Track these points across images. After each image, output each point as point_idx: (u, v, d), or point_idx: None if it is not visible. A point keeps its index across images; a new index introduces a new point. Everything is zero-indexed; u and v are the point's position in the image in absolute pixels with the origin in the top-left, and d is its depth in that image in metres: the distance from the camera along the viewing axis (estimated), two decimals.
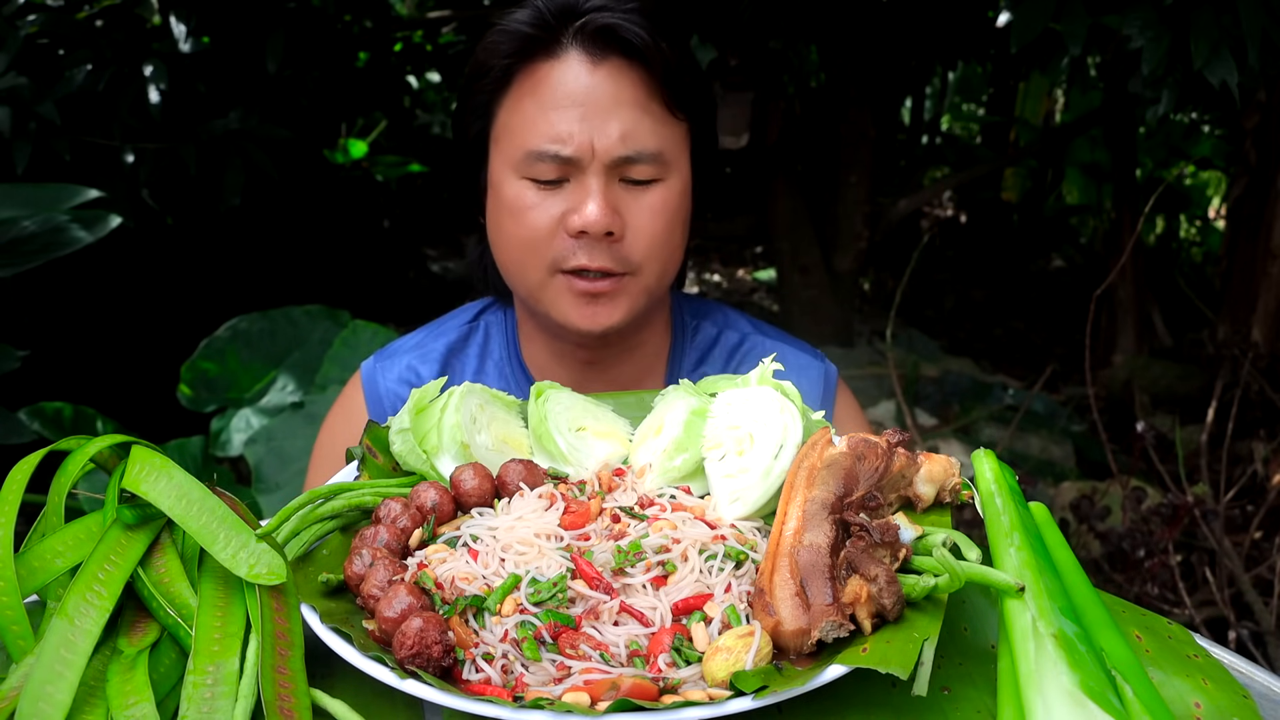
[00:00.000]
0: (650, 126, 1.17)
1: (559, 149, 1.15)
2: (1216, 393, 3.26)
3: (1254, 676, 0.88)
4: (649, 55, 1.15)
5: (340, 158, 5.26)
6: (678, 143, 1.21)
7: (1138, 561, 2.44)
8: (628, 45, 1.15)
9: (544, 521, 0.88)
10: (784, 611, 0.74)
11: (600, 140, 1.15)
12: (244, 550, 0.78)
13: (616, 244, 1.18)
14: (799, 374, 1.40)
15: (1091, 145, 6.32)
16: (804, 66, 5.82)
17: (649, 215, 1.19)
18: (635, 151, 1.16)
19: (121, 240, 2.70)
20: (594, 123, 1.15)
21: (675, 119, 1.20)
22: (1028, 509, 0.87)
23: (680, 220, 1.24)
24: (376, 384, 1.40)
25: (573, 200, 1.17)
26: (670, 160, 1.20)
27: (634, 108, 1.16)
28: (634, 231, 1.19)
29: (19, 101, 2.60)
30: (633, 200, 1.19)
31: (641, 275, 1.22)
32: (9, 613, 0.74)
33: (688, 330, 1.45)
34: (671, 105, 1.19)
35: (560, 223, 1.18)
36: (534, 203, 1.18)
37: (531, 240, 1.19)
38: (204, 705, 0.69)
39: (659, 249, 1.22)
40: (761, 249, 7.37)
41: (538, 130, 1.16)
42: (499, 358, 1.41)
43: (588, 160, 1.15)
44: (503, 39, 1.18)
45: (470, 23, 4.15)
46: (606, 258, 1.18)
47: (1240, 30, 2.07)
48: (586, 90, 1.15)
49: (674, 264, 1.27)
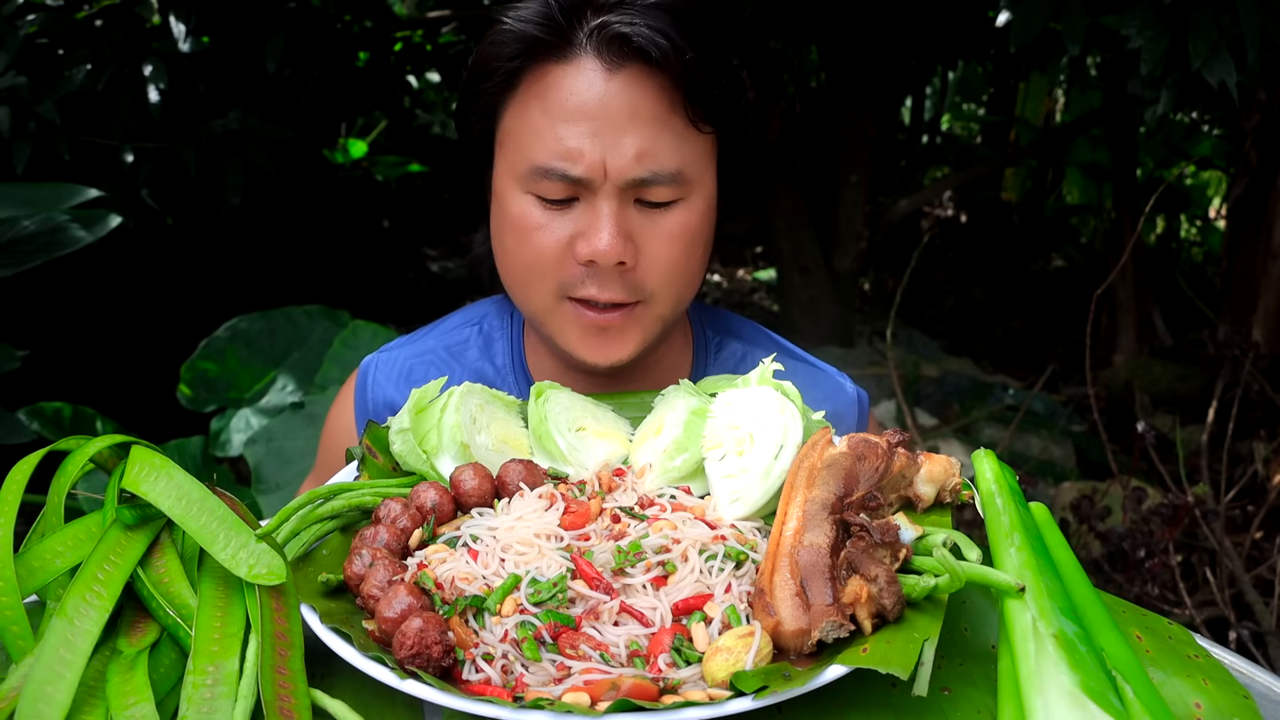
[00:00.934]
0: (670, 143, 1.04)
1: (567, 168, 1.03)
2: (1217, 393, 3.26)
3: (1254, 677, 0.88)
4: (671, 64, 1.01)
5: (340, 158, 5.26)
6: (702, 157, 1.09)
7: (1138, 562, 2.44)
8: (647, 53, 1.01)
9: (544, 521, 0.88)
10: (784, 611, 0.74)
11: (614, 160, 1.02)
12: (244, 550, 0.78)
13: (629, 273, 1.07)
14: (834, 396, 1.32)
15: (1092, 145, 6.32)
16: (804, 66, 5.82)
17: (666, 241, 1.08)
18: (652, 173, 1.04)
19: (121, 240, 2.70)
20: (607, 139, 1.02)
21: (700, 132, 1.07)
22: (1028, 509, 0.87)
23: (701, 242, 1.12)
24: (366, 386, 1.33)
25: (582, 224, 1.05)
26: (692, 178, 1.08)
27: (653, 123, 1.03)
28: (649, 259, 1.08)
29: (19, 101, 2.60)
30: (649, 224, 1.07)
31: (655, 304, 1.11)
32: (8, 613, 0.74)
33: (710, 346, 1.34)
34: (696, 118, 1.05)
35: (568, 247, 1.06)
36: (540, 223, 1.07)
37: (537, 264, 1.08)
38: (204, 705, 0.69)
39: (676, 276, 1.10)
40: (761, 249, 7.37)
41: (544, 144, 1.04)
42: (502, 364, 1.31)
43: (599, 181, 1.03)
44: (508, 39, 1.06)
45: (470, 23, 4.15)
46: (618, 289, 1.07)
47: (1239, 30, 2.07)
48: (600, 102, 1.02)
49: (692, 288, 1.15)
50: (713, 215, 1.14)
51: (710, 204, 1.13)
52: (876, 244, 4.56)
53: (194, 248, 4.17)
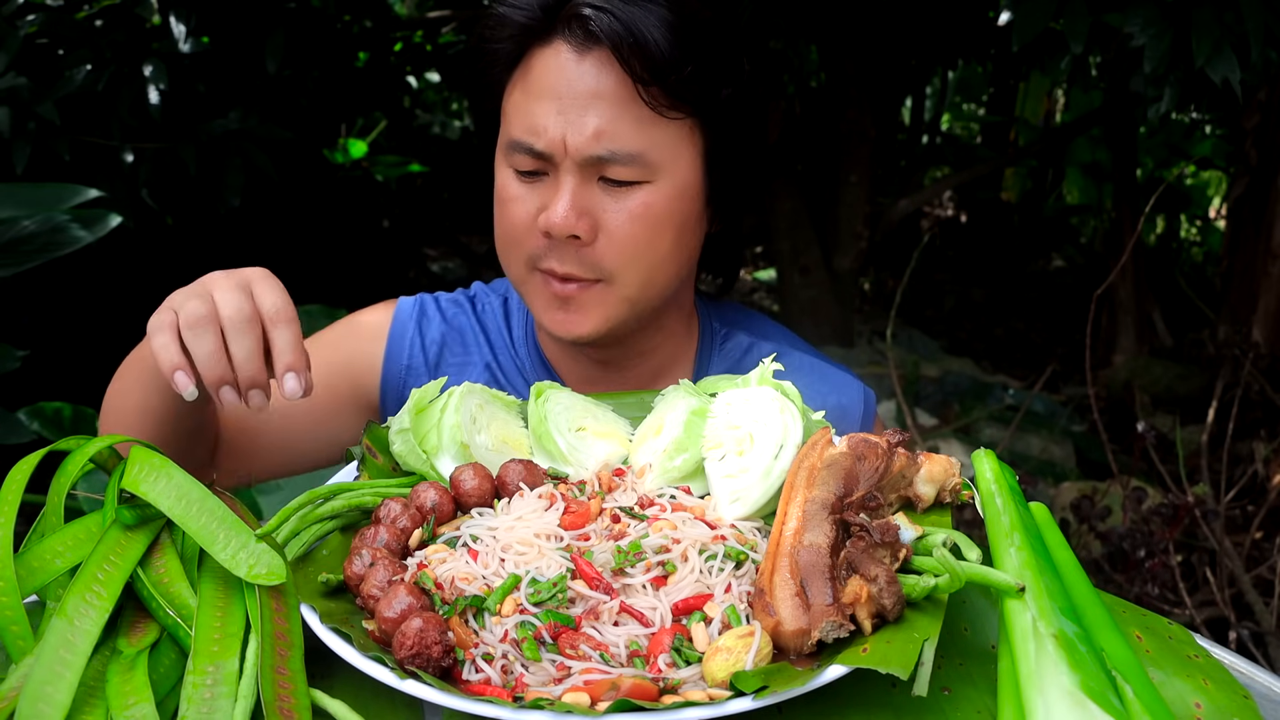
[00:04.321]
0: (631, 125, 1.08)
1: (533, 141, 1.09)
2: (1217, 393, 3.26)
3: (1254, 677, 0.88)
4: (623, 49, 1.05)
5: (340, 158, 5.26)
6: (672, 143, 1.11)
7: (1138, 562, 2.44)
8: (600, 36, 1.06)
9: (544, 521, 0.88)
10: (784, 611, 0.74)
11: (573, 137, 1.07)
12: (244, 550, 0.78)
13: (585, 249, 1.11)
14: (842, 392, 1.34)
15: (1092, 145, 6.32)
16: (804, 66, 5.81)
17: (627, 220, 1.10)
18: (610, 151, 1.07)
19: (121, 240, 2.70)
20: (569, 117, 1.07)
21: (666, 117, 1.09)
22: (1028, 509, 0.87)
23: (670, 226, 1.13)
24: (424, 315, 1.34)
25: (546, 197, 1.11)
26: (657, 162, 1.10)
27: (615, 104, 1.07)
28: (608, 236, 1.11)
29: (19, 101, 2.60)
30: (611, 202, 1.10)
31: (617, 284, 1.13)
32: (8, 613, 0.74)
33: (716, 337, 1.37)
34: (658, 103, 1.08)
35: (536, 218, 1.12)
36: (515, 195, 1.13)
37: (512, 233, 1.15)
38: (203, 706, 0.69)
39: (638, 257, 1.12)
40: (761, 249, 7.36)
41: (520, 120, 1.11)
42: (520, 335, 1.35)
43: (560, 156, 1.08)
44: (498, 25, 1.13)
45: (470, 23, 4.15)
46: (574, 263, 1.11)
47: (1242, 28, 2.07)
48: (568, 82, 1.08)
49: (664, 272, 1.17)
50: (690, 203, 1.16)
51: (684, 191, 1.14)
52: (876, 244, 4.56)
53: (194, 248, 4.17)
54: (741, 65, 1.16)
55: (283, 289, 0.93)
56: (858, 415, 1.34)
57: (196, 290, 0.92)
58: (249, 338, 0.89)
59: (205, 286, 0.92)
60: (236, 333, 0.89)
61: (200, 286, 0.93)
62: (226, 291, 0.91)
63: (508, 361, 1.33)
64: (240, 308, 0.89)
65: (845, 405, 1.33)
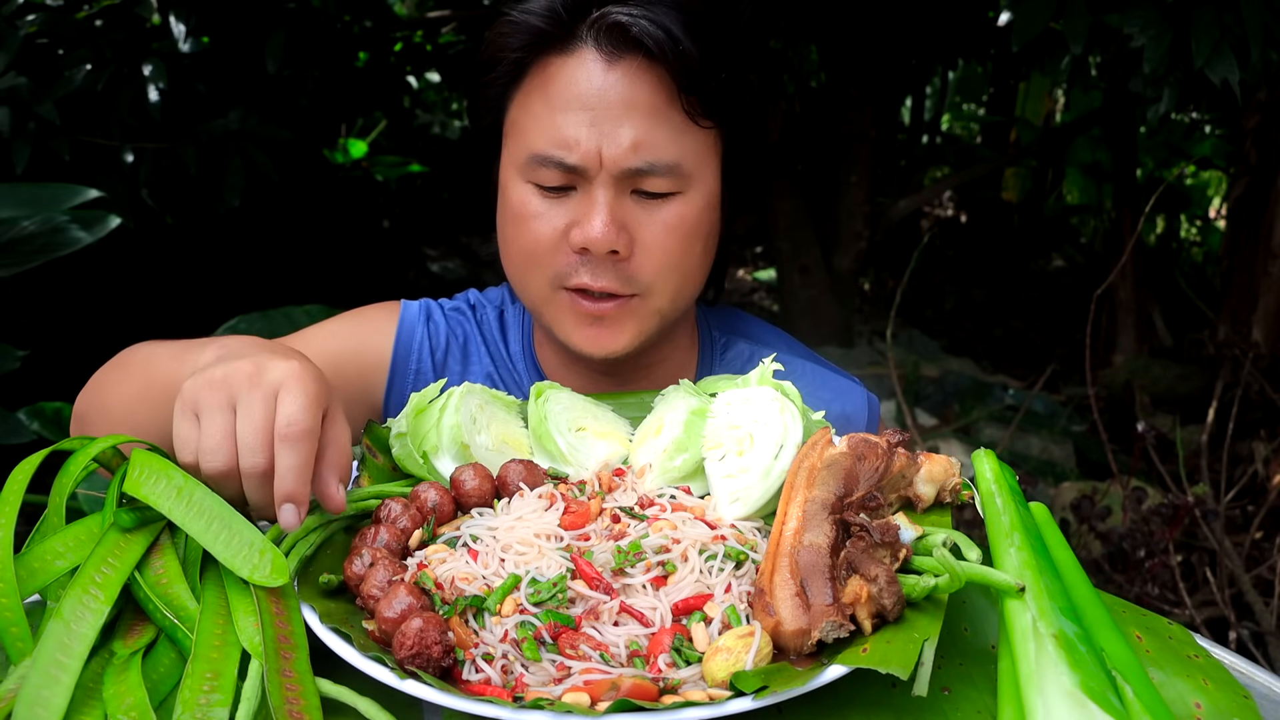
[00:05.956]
0: (667, 135, 1.05)
1: (564, 155, 1.04)
2: (1217, 393, 3.26)
3: (1254, 677, 0.88)
4: (668, 56, 1.02)
5: (340, 158, 5.26)
6: (702, 152, 1.09)
7: (1138, 562, 2.44)
8: (645, 44, 1.03)
9: (544, 522, 0.88)
10: (784, 611, 0.74)
11: (610, 148, 1.04)
12: (245, 551, 0.78)
13: (623, 263, 1.08)
14: (845, 398, 1.32)
15: (1092, 145, 6.32)
16: (804, 66, 5.82)
17: (662, 232, 1.08)
18: (648, 163, 1.05)
19: (121, 240, 2.70)
20: (604, 128, 1.03)
21: (699, 126, 1.08)
22: (1028, 509, 0.87)
23: (700, 236, 1.12)
24: (430, 318, 1.31)
25: (578, 212, 1.07)
26: (690, 172, 1.08)
27: (650, 114, 1.04)
28: (644, 249, 1.08)
29: (19, 101, 2.60)
30: (645, 215, 1.08)
31: (652, 297, 1.11)
32: (8, 614, 0.74)
33: (716, 346, 1.35)
34: (694, 111, 1.06)
35: (564, 235, 1.08)
36: (538, 211, 1.09)
37: (534, 252, 1.10)
38: (199, 712, 0.68)
39: (673, 269, 1.10)
40: (761, 249, 7.37)
41: (543, 132, 1.06)
42: (517, 350, 1.32)
43: (595, 170, 1.05)
44: (513, 31, 1.08)
45: (470, 23, 4.15)
46: (611, 278, 1.08)
47: (1242, 28, 2.07)
48: (598, 92, 1.04)
49: (691, 284, 1.15)
50: (714, 212, 1.15)
51: (711, 200, 1.13)
52: (876, 244, 4.56)
53: (194, 248, 4.17)
54: (750, 70, 1.15)
55: (310, 394, 0.84)
56: (862, 422, 1.32)
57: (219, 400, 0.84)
58: (261, 457, 0.83)
59: (230, 390, 0.84)
60: (248, 452, 0.83)
61: (225, 389, 0.84)
62: (248, 405, 0.83)
63: (506, 375, 1.31)
64: (257, 429, 0.82)
65: (849, 413, 1.31)
